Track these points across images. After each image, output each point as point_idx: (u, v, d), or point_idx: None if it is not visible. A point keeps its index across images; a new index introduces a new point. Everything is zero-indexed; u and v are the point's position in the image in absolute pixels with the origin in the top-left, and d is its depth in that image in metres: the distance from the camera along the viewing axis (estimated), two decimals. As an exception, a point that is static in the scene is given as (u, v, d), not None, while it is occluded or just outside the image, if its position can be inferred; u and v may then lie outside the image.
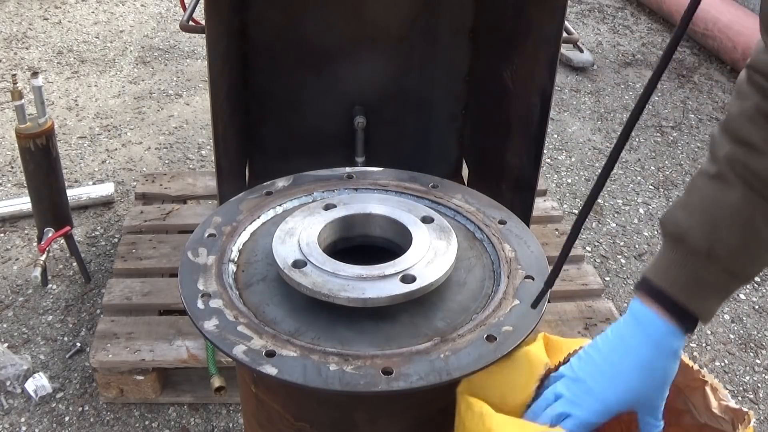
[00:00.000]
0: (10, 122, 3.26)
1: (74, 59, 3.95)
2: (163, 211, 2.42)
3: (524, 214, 1.92)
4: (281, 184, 1.36)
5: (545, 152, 2.77)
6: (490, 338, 1.01)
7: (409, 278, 1.06)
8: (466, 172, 2.49)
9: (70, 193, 2.33)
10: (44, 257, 2.12)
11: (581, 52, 4.12)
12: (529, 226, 1.91)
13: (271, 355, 0.97)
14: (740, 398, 2.16)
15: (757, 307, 2.51)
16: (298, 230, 1.16)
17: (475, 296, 1.12)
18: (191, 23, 1.78)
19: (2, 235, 2.61)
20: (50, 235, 2.14)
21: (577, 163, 3.27)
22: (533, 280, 1.13)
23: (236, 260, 1.18)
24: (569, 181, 3.14)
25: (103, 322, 1.99)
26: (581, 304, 2.15)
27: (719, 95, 3.96)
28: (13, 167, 2.99)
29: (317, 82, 2.23)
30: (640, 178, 3.19)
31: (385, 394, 0.94)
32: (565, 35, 1.71)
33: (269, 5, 2.12)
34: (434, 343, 1.01)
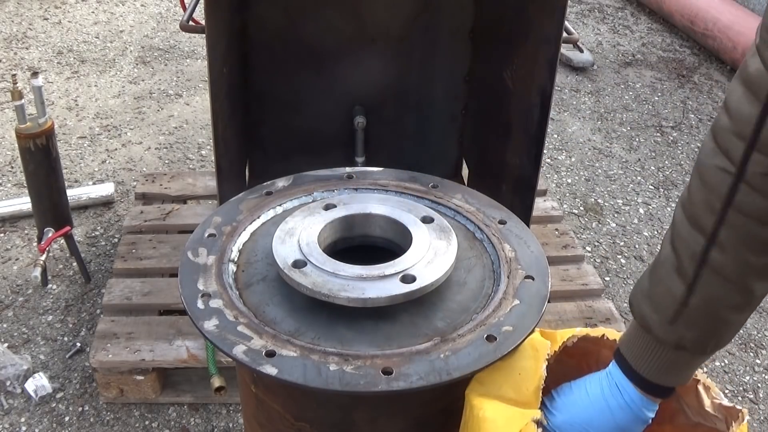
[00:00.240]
0: (10, 122, 3.26)
1: (74, 59, 3.95)
2: (163, 211, 2.42)
3: (524, 214, 1.92)
4: (281, 184, 1.36)
5: (545, 152, 2.77)
6: (490, 338, 1.01)
7: (409, 278, 1.06)
8: (466, 172, 2.49)
9: (70, 193, 2.33)
10: (44, 257, 2.12)
11: (581, 52, 4.12)
12: (529, 226, 1.91)
13: (271, 355, 0.97)
14: (740, 398, 2.16)
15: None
16: (298, 230, 1.16)
17: (475, 296, 1.12)
18: (191, 23, 1.78)
19: (2, 235, 2.61)
20: (50, 235, 2.13)
21: (577, 163, 3.27)
22: (533, 280, 1.13)
23: (236, 260, 1.18)
24: (569, 181, 3.14)
25: (103, 322, 1.99)
26: (581, 304, 2.15)
27: (719, 95, 3.96)
28: (13, 167, 2.99)
29: (317, 82, 2.23)
30: (640, 178, 3.19)
31: (385, 394, 0.94)
32: (565, 35, 1.71)
33: (269, 5, 2.12)
34: (434, 343, 1.01)
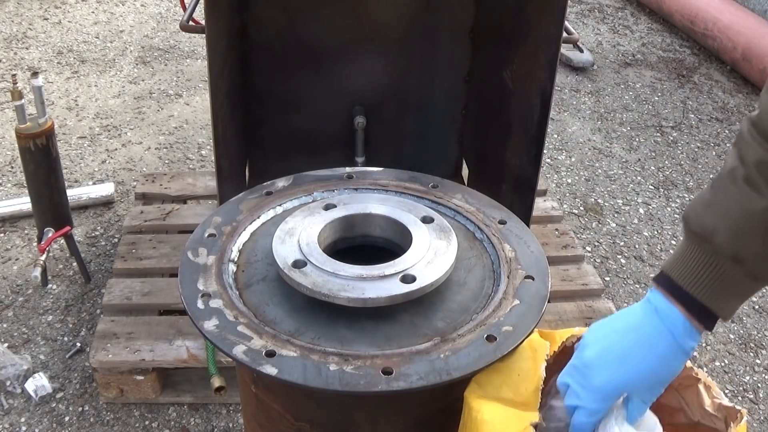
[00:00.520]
0: (10, 122, 3.26)
1: (74, 59, 3.95)
2: (163, 211, 2.42)
3: (524, 214, 1.92)
4: (281, 184, 1.36)
5: (545, 152, 2.77)
6: (490, 338, 1.01)
7: (409, 278, 1.06)
8: (466, 172, 2.49)
9: (70, 193, 2.33)
10: (44, 257, 2.12)
11: (581, 52, 4.12)
12: (529, 226, 1.91)
13: (271, 355, 0.97)
14: (740, 398, 2.16)
15: (757, 307, 2.51)
16: (298, 230, 1.16)
17: (475, 296, 1.12)
18: (191, 23, 1.78)
19: (2, 235, 2.61)
20: (50, 235, 2.13)
21: (577, 163, 3.27)
22: (533, 280, 1.13)
23: (236, 260, 1.18)
24: (569, 181, 3.13)
25: (103, 322, 1.99)
26: (581, 304, 2.15)
27: (719, 95, 3.96)
28: (13, 167, 2.99)
29: (317, 82, 2.23)
30: (640, 178, 3.19)
31: (385, 394, 0.94)
32: (565, 35, 1.71)
33: (269, 5, 2.12)
34: (434, 343, 1.01)
